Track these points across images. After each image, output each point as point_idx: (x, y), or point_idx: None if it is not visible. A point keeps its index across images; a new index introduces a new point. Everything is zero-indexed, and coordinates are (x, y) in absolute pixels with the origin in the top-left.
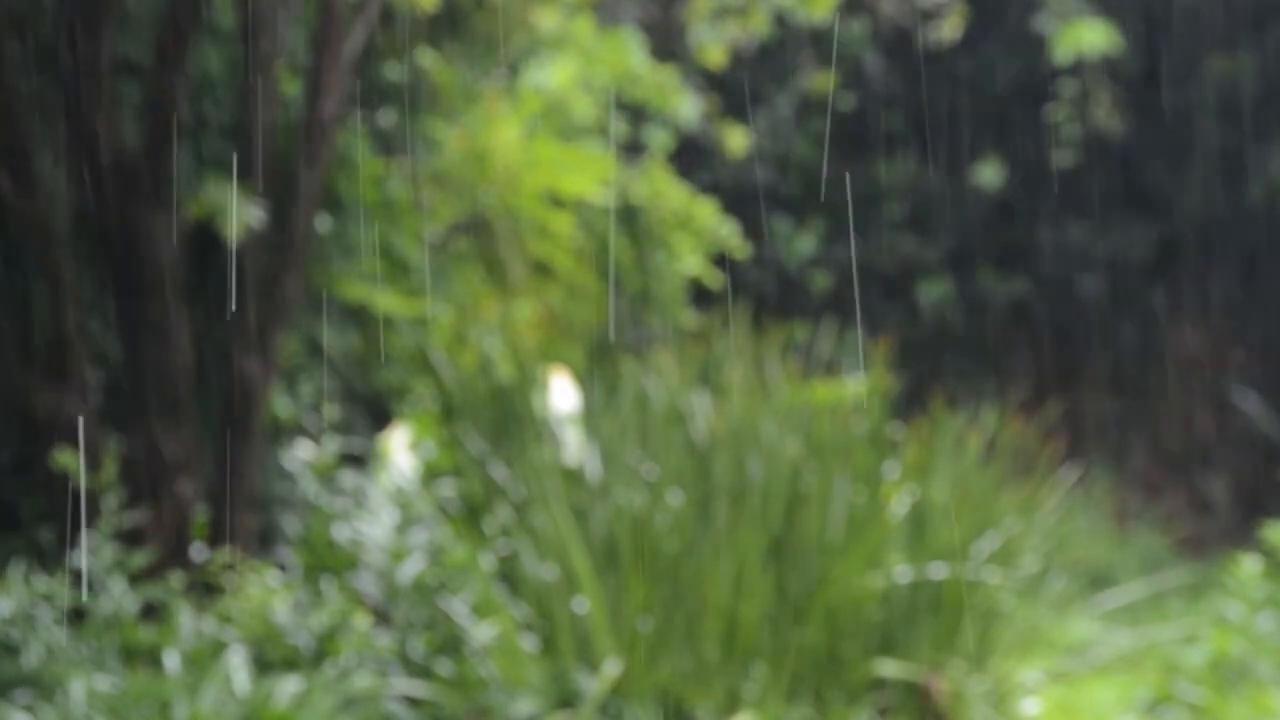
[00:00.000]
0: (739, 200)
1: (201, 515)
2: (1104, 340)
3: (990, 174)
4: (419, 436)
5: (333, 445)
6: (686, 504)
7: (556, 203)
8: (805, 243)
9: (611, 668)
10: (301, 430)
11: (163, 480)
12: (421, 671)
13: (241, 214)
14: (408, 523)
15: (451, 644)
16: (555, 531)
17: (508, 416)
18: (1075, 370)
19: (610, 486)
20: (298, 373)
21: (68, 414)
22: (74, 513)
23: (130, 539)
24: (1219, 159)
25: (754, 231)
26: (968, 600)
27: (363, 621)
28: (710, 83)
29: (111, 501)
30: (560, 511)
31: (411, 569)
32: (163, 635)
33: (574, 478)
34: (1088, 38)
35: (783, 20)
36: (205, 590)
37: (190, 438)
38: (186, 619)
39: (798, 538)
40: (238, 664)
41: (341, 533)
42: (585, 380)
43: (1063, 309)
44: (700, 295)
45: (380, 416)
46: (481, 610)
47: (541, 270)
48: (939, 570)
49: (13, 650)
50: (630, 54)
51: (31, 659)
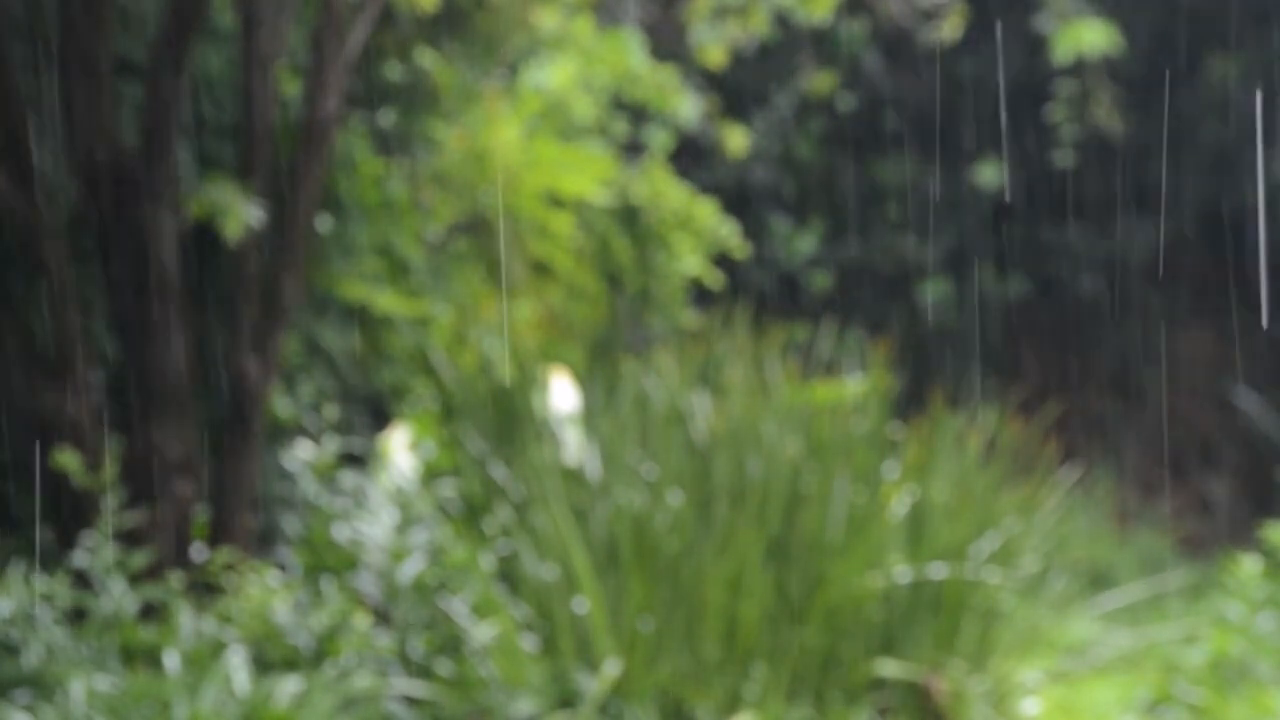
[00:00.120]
0: (739, 200)
1: (201, 515)
2: (1104, 340)
3: (990, 174)
4: (419, 436)
5: (333, 445)
6: (686, 504)
7: (556, 203)
8: (805, 243)
9: (611, 668)
10: (301, 430)
11: (163, 480)
12: (421, 671)
13: (241, 214)
14: (408, 523)
15: (451, 644)
16: (555, 531)
17: (508, 416)
18: (1075, 370)
19: (610, 486)
20: (298, 373)
21: (68, 414)
22: (74, 513)
23: (130, 539)
24: (1219, 159)
25: (754, 231)
26: (968, 600)
27: (363, 621)
28: (710, 83)
29: (111, 501)
30: (560, 511)
31: (411, 569)
32: (163, 635)
33: (574, 478)
34: (1088, 38)
35: (783, 20)
36: (205, 590)
37: (190, 438)
38: (186, 619)
39: (798, 538)
40: (238, 664)
41: (341, 533)
42: (585, 380)
43: (1063, 309)
44: (700, 295)
45: (380, 416)
46: (481, 610)
47: (541, 270)
48: (939, 570)
49: (13, 650)
50: (630, 54)
51: (31, 659)
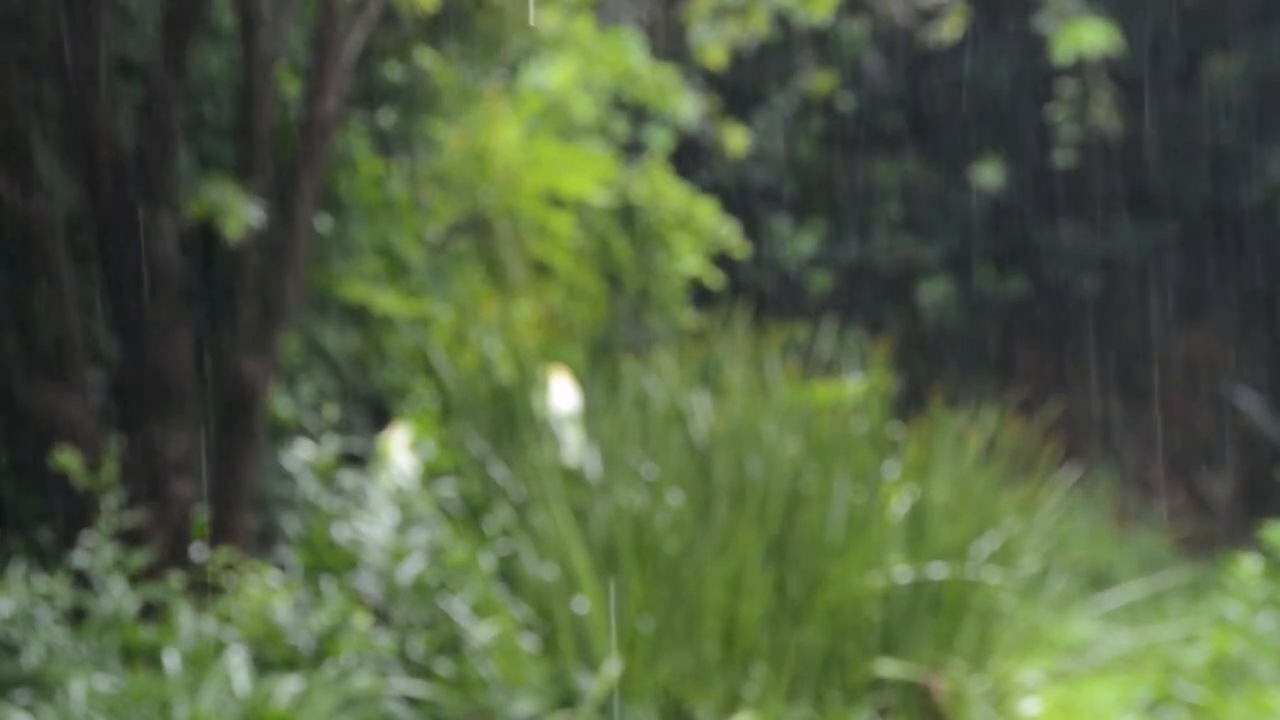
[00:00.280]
0: (739, 200)
1: (201, 515)
2: (1104, 340)
3: (990, 174)
4: (419, 436)
5: (333, 445)
6: (686, 504)
7: (556, 203)
8: (805, 243)
9: (611, 668)
10: (301, 430)
11: (163, 480)
12: (421, 671)
13: (241, 214)
14: (408, 523)
15: (451, 644)
16: (555, 531)
17: (508, 416)
18: (1075, 370)
19: (610, 486)
20: (298, 373)
21: (68, 414)
22: (74, 513)
23: (130, 539)
24: (1219, 159)
25: (754, 231)
26: (968, 600)
27: (363, 621)
28: (710, 83)
29: (111, 501)
30: (560, 511)
31: (411, 569)
32: (163, 635)
33: (574, 478)
34: (1088, 38)
35: (782, 20)
36: (205, 590)
37: (190, 438)
38: (186, 619)
39: (797, 538)
40: (238, 664)
41: (341, 533)
42: (585, 380)
43: (1062, 309)
44: (700, 295)
45: (380, 416)
46: (481, 610)
47: (541, 270)
48: (939, 570)
49: (13, 650)
50: (630, 54)
51: (31, 659)
